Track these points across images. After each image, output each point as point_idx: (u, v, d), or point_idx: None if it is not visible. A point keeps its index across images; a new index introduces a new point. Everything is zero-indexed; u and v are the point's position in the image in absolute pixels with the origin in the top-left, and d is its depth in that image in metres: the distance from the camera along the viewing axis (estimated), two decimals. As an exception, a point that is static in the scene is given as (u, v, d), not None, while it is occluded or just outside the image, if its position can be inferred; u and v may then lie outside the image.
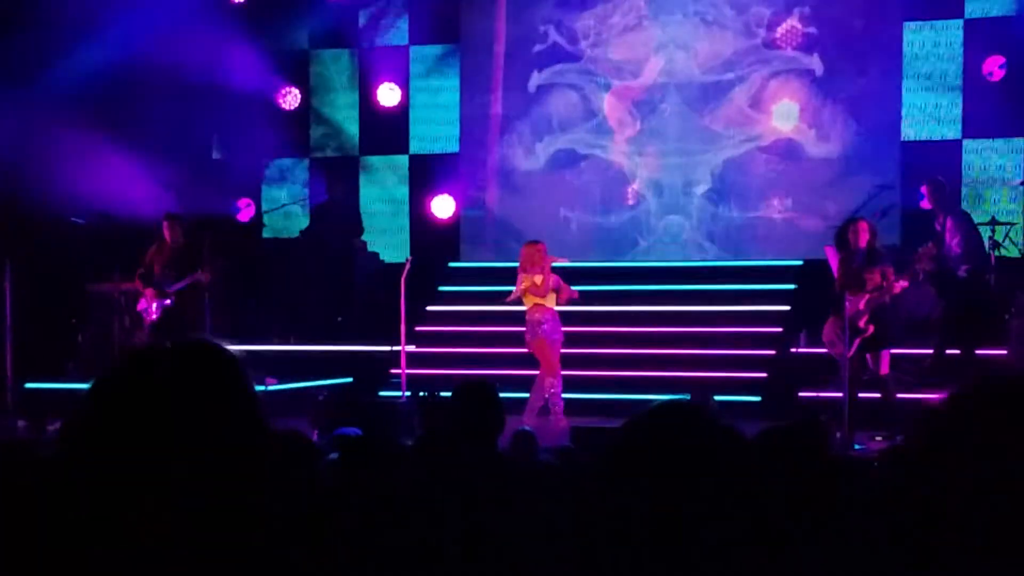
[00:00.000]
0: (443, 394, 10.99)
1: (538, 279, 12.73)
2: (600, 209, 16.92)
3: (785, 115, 16.37)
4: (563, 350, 13.42)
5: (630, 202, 16.83)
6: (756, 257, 16.23)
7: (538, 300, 12.78)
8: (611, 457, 1.86)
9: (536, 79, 17.13)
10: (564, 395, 13.13)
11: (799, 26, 16.31)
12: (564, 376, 13.83)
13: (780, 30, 16.38)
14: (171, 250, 14.18)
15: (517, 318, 15.40)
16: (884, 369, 11.60)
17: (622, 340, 14.51)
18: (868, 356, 11.60)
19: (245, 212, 18.00)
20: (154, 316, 14.04)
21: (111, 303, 15.21)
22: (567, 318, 15.15)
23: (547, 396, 12.62)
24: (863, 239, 11.71)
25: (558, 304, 12.91)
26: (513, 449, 5.91)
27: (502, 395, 6.05)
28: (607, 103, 16.94)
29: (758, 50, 16.48)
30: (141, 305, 14.21)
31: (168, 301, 14.05)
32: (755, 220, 16.48)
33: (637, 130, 16.84)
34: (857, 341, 11.45)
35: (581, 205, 16.99)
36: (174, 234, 14.22)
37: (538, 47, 17.11)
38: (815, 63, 16.23)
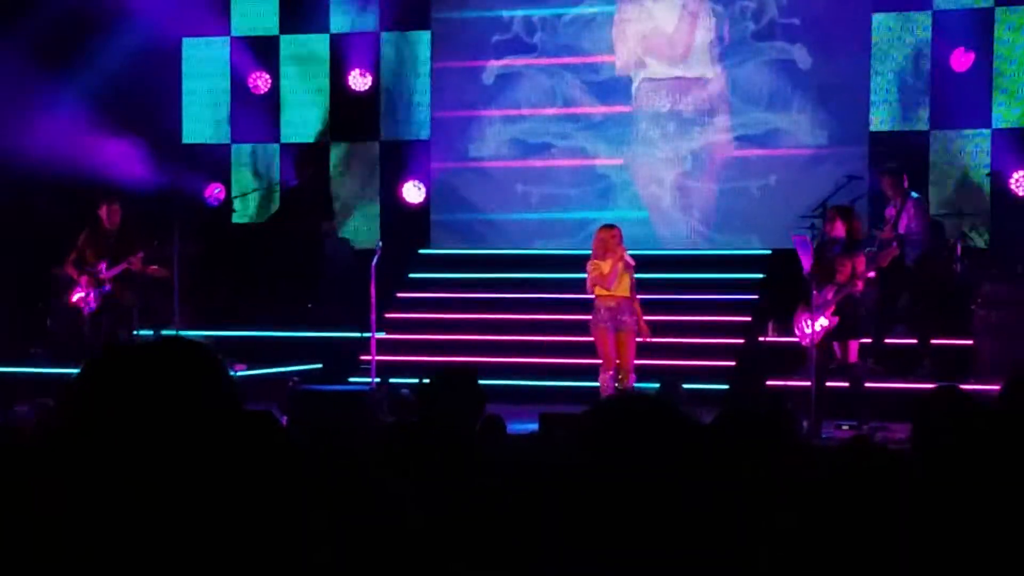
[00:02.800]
0: (403, 390, 11.00)
1: (605, 267, 11.89)
2: (569, 195, 16.93)
3: (754, 103, 16.43)
4: (541, 337, 13.43)
5: (599, 186, 16.86)
6: (725, 244, 16.30)
7: (603, 291, 11.92)
8: (574, 446, 1.89)
9: (503, 67, 17.12)
10: (534, 382, 13.16)
11: (777, 16, 16.34)
12: (534, 364, 13.90)
13: (759, 21, 16.41)
14: (107, 235, 13.67)
15: (487, 305, 15.44)
16: (852, 358, 11.67)
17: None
18: (836, 345, 11.67)
19: (215, 197, 17.95)
20: (93, 306, 13.52)
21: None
22: (532, 306, 15.20)
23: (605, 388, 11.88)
24: (839, 229, 11.76)
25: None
26: (481, 434, 5.93)
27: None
28: (577, 90, 16.96)
29: (731, 39, 16.51)
30: (76, 295, 13.69)
31: (106, 288, 13.55)
32: (725, 208, 16.53)
33: (607, 118, 16.86)
34: (822, 330, 11.51)
35: (550, 191, 17.00)
36: (112, 218, 13.68)
37: (504, 35, 17.10)
38: (795, 53, 16.27)
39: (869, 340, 13.20)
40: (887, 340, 13.59)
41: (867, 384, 11.80)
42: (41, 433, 1.86)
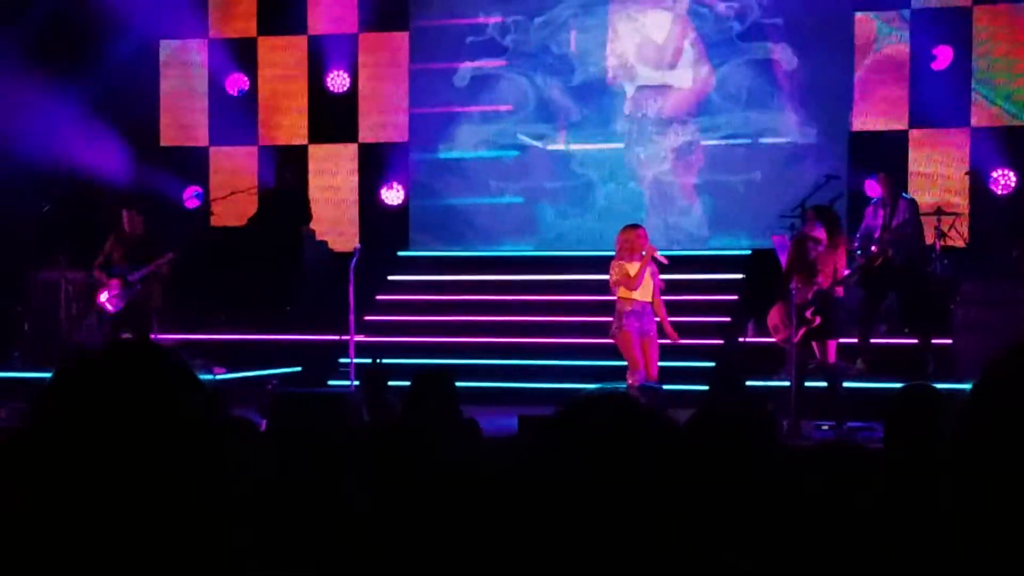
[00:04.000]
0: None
1: (632, 269, 11.44)
2: (548, 196, 16.94)
3: (735, 102, 16.45)
4: (521, 339, 13.33)
5: (578, 186, 16.86)
6: (705, 244, 16.32)
7: (625, 294, 11.42)
8: (544, 446, 1.87)
9: (479, 69, 17.11)
10: (511, 384, 13.12)
11: (760, 17, 16.35)
12: (514, 366, 13.87)
13: (743, 21, 16.42)
14: (131, 239, 14.08)
15: (468, 308, 15.42)
16: (831, 358, 11.66)
17: (570, 329, 14.54)
18: (815, 345, 11.66)
19: (192, 200, 17.92)
20: (119, 306, 13.91)
21: (57, 290, 15.11)
22: (511, 307, 15.18)
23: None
24: (818, 229, 11.75)
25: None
26: (456, 437, 5.90)
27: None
28: (555, 91, 16.95)
29: (715, 39, 16.53)
30: (102, 298, 14.06)
31: (137, 289, 13.96)
32: (705, 207, 16.55)
33: (585, 118, 16.86)
34: (803, 330, 11.51)
35: (529, 193, 17.01)
36: (134, 224, 14.11)
37: (480, 37, 17.10)
38: (779, 53, 16.28)
39: (855, 341, 13.22)
40: (873, 340, 13.59)
41: (849, 384, 11.82)
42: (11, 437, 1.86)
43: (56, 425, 1.76)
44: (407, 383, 6.35)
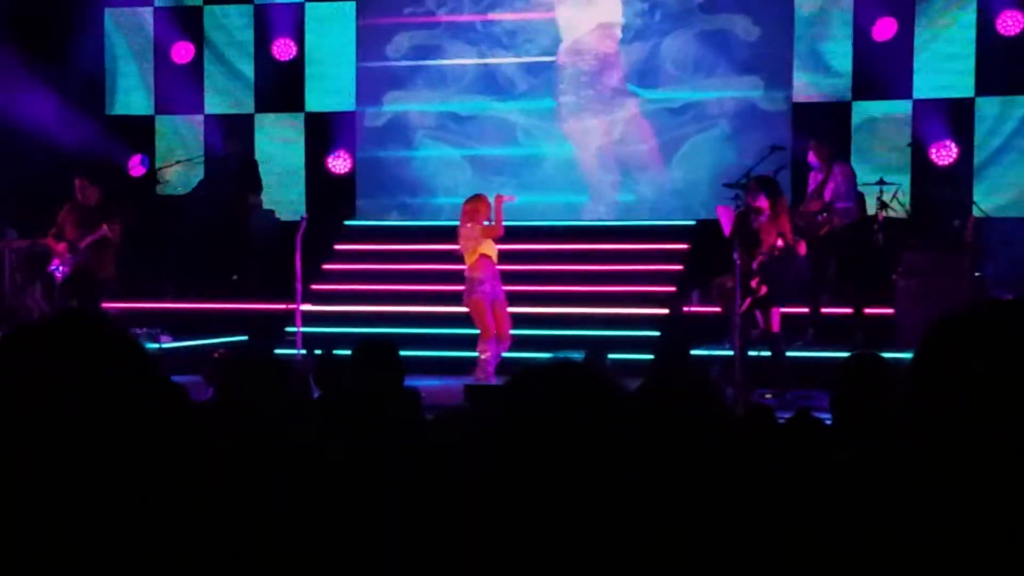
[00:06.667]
0: (338, 352, 10.92)
1: (491, 226, 12.28)
2: (495, 165, 16.93)
3: (683, 71, 16.51)
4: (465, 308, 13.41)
5: (526, 155, 16.86)
6: (650, 215, 16.37)
7: (486, 251, 12.20)
8: (495, 415, 1.89)
9: (427, 37, 17.07)
10: (458, 353, 13.17)
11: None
12: (460, 335, 13.87)
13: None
14: (83, 209, 13.90)
15: (413, 277, 15.41)
16: (775, 327, 11.76)
17: (515, 299, 14.55)
18: (758, 314, 11.76)
19: (138, 168, 17.79)
20: (67, 272, 13.79)
21: (1, 259, 14.98)
22: (458, 277, 15.20)
23: (483, 358, 12.10)
24: (761, 200, 11.81)
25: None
26: (397, 408, 5.89)
27: (400, 354, 6.11)
28: (501, 58, 16.94)
29: (663, 8, 16.56)
30: (52, 265, 13.95)
31: (84, 255, 13.82)
32: (651, 178, 16.61)
33: (532, 88, 16.86)
34: (748, 300, 11.59)
35: (476, 163, 17.00)
36: (86, 193, 13.90)
37: (425, 6, 17.05)
38: (735, 24, 16.31)
39: (806, 310, 13.34)
40: (821, 310, 13.72)
41: (793, 353, 11.93)
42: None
43: None
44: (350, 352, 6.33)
